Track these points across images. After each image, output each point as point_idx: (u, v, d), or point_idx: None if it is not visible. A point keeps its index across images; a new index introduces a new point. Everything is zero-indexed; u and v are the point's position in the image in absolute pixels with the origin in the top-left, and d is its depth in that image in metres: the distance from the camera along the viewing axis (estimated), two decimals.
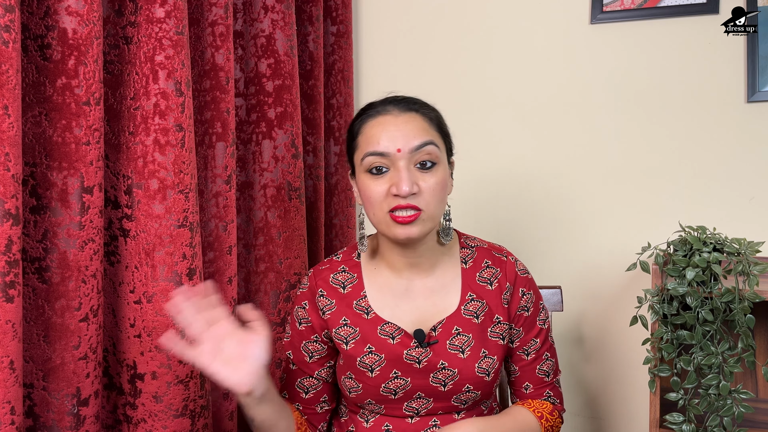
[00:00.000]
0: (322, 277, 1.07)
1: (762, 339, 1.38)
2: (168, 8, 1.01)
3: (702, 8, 1.47)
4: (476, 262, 1.07)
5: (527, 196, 1.63)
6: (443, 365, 1.00)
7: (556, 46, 1.59)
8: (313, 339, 1.06)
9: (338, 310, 1.04)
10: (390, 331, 1.02)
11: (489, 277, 1.06)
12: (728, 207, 1.47)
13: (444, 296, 1.04)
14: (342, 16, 1.64)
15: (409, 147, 0.95)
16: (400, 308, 1.03)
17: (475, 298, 1.04)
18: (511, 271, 1.07)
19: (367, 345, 1.01)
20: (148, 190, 1.02)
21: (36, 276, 0.92)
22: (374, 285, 1.05)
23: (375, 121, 0.98)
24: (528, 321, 1.07)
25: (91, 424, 0.96)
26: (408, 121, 0.97)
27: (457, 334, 1.02)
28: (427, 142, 0.96)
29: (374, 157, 0.96)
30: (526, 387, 1.09)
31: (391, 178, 0.95)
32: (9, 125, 0.79)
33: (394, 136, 0.95)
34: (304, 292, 1.08)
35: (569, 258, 1.60)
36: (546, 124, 1.60)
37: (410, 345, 1.01)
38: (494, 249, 1.10)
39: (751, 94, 1.44)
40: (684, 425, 1.15)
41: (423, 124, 0.98)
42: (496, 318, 1.04)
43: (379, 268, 1.06)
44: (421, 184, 0.95)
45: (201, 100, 1.18)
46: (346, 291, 1.05)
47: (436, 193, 0.96)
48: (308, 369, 1.07)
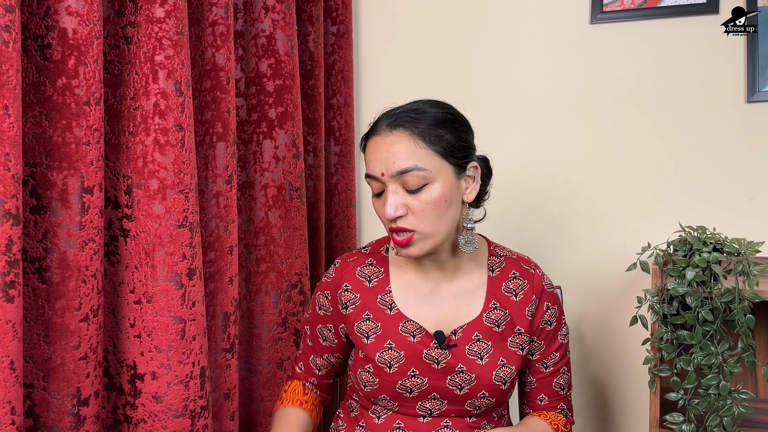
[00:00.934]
0: (349, 269, 1.08)
1: (762, 339, 1.38)
2: (168, 8, 1.01)
3: (702, 8, 1.47)
4: (503, 272, 1.07)
5: (527, 196, 1.63)
6: (461, 369, 1.00)
7: (556, 47, 1.59)
8: (328, 327, 1.10)
9: (362, 305, 1.05)
10: (411, 329, 1.02)
11: (515, 288, 1.06)
12: (728, 207, 1.47)
13: (468, 302, 1.04)
14: (342, 16, 1.64)
15: (390, 172, 0.92)
16: (423, 309, 1.04)
17: (498, 307, 1.04)
18: (538, 284, 1.07)
19: (387, 341, 1.02)
20: (148, 190, 1.02)
21: (36, 276, 0.92)
22: (399, 282, 1.06)
23: (371, 142, 0.98)
24: (550, 335, 1.07)
25: (91, 424, 0.96)
26: (394, 142, 0.93)
27: (476, 340, 1.02)
28: (409, 169, 0.91)
29: (369, 179, 0.97)
30: (541, 399, 1.09)
31: (384, 201, 0.95)
32: (9, 125, 0.79)
33: (380, 159, 0.94)
34: (328, 282, 1.09)
35: (569, 258, 1.60)
36: (545, 124, 1.60)
37: (430, 345, 1.01)
38: (523, 260, 1.09)
39: (751, 94, 1.44)
40: (684, 425, 1.15)
41: (409, 146, 0.92)
42: (518, 329, 1.04)
43: (405, 267, 1.07)
44: (411, 204, 0.93)
45: (202, 100, 1.18)
46: (371, 285, 1.06)
47: (428, 211, 0.92)
48: (321, 350, 1.13)
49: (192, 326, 1.06)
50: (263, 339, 1.35)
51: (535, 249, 1.63)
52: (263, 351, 1.35)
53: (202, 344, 1.09)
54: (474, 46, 1.66)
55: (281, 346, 1.37)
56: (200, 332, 1.08)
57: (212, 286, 1.20)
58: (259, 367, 1.35)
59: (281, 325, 1.37)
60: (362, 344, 1.03)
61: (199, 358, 1.08)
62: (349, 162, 1.67)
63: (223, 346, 1.21)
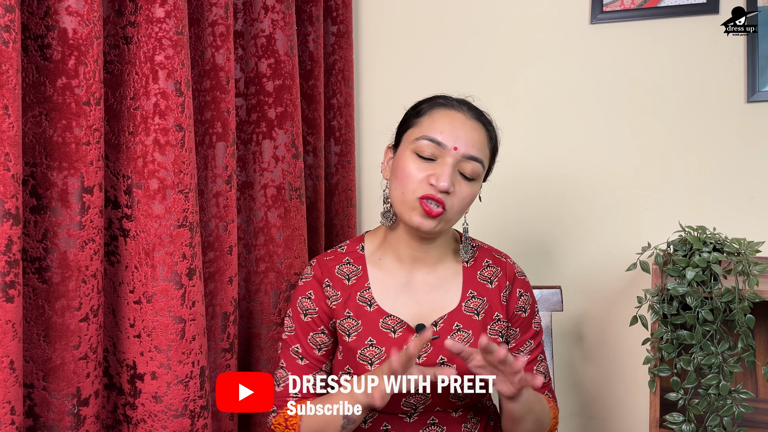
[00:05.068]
0: (328, 267, 1.07)
1: (762, 339, 1.38)
2: (168, 8, 1.01)
3: (702, 8, 1.47)
4: (477, 261, 1.09)
5: (526, 196, 1.63)
6: (442, 360, 1.01)
7: (556, 47, 1.59)
8: (320, 331, 1.06)
9: (343, 302, 1.05)
10: (392, 324, 1.02)
11: (489, 276, 1.08)
12: (728, 207, 1.47)
13: (444, 292, 1.06)
14: (342, 16, 1.64)
15: (464, 151, 0.98)
16: (401, 302, 1.04)
17: (476, 296, 1.06)
18: (510, 271, 1.10)
19: (368, 338, 1.02)
20: (148, 190, 1.02)
21: (36, 276, 0.92)
22: (377, 277, 1.06)
23: (446, 112, 1.01)
24: (525, 322, 1.09)
25: (91, 424, 0.96)
26: (474, 129, 1.00)
27: (457, 330, 1.03)
28: (478, 158, 0.99)
29: (430, 143, 0.98)
30: None
31: (434, 168, 0.97)
32: (9, 125, 0.79)
33: (458, 135, 0.98)
34: (308, 282, 1.08)
35: (569, 258, 1.60)
36: (545, 124, 1.60)
37: (411, 339, 1.01)
38: (494, 250, 1.13)
39: (751, 94, 1.44)
40: (684, 425, 1.15)
41: (484, 140, 1.01)
42: (496, 315, 1.06)
43: (384, 258, 1.07)
44: (456, 187, 0.98)
45: (201, 100, 1.18)
46: (350, 282, 1.06)
47: (464, 202, 0.99)
48: (318, 362, 1.05)
49: (192, 326, 1.06)
50: (263, 339, 1.35)
51: (535, 249, 1.63)
52: (263, 351, 1.35)
53: (202, 344, 1.09)
54: (474, 47, 1.65)
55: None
56: (200, 332, 1.08)
57: (212, 286, 1.20)
58: (258, 367, 1.35)
59: (280, 325, 1.37)
60: (343, 342, 1.03)
61: (199, 358, 1.08)
62: (349, 162, 1.67)
63: (223, 346, 1.20)
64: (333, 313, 1.06)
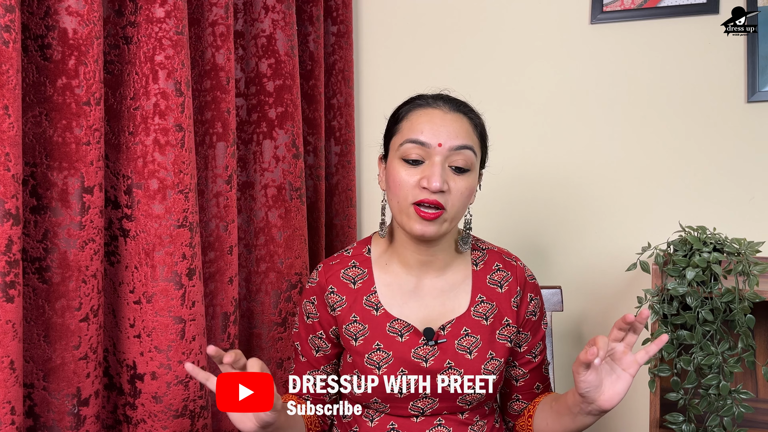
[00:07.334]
0: (333, 272, 1.07)
1: (762, 339, 1.38)
2: (168, 8, 1.01)
3: (702, 8, 1.47)
4: (487, 265, 1.08)
5: (526, 196, 1.63)
6: (450, 365, 1.00)
7: (556, 47, 1.59)
8: (319, 335, 1.06)
9: (348, 307, 1.04)
10: (399, 328, 1.02)
11: (500, 280, 1.07)
12: (728, 207, 1.47)
13: (454, 297, 1.05)
14: (342, 16, 1.64)
15: (449, 145, 0.96)
16: (408, 306, 1.04)
17: (485, 300, 1.05)
18: (521, 275, 1.08)
19: (375, 342, 1.02)
20: (148, 190, 1.02)
21: (36, 276, 0.92)
22: (384, 281, 1.05)
23: (423, 111, 0.99)
24: (535, 325, 1.08)
25: (91, 424, 0.96)
26: (455, 120, 0.98)
27: (465, 334, 1.02)
28: (467, 146, 0.97)
29: (413, 145, 0.96)
30: (537, 387, 1.10)
31: (423, 171, 0.95)
32: (9, 125, 0.79)
33: (439, 131, 0.96)
34: (312, 287, 1.08)
35: (569, 258, 1.60)
36: (545, 124, 1.60)
37: (418, 343, 1.01)
38: (504, 253, 1.11)
39: (751, 94, 1.44)
40: (684, 425, 1.15)
41: (468, 128, 0.99)
42: (505, 321, 1.05)
43: (390, 263, 1.06)
44: (451, 184, 0.95)
45: (201, 100, 1.18)
46: (356, 287, 1.05)
47: (463, 197, 0.97)
48: (316, 363, 1.08)
49: (192, 326, 1.06)
50: (263, 339, 1.35)
51: (535, 249, 1.63)
52: (263, 351, 1.35)
53: (202, 344, 1.09)
54: (474, 46, 1.65)
55: (281, 346, 1.37)
56: (200, 332, 1.08)
57: (212, 286, 1.20)
58: None
59: (281, 325, 1.37)
60: (350, 346, 1.03)
61: (199, 359, 1.08)
62: (349, 162, 1.67)
63: (223, 346, 1.21)
64: (336, 321, 1.05)
